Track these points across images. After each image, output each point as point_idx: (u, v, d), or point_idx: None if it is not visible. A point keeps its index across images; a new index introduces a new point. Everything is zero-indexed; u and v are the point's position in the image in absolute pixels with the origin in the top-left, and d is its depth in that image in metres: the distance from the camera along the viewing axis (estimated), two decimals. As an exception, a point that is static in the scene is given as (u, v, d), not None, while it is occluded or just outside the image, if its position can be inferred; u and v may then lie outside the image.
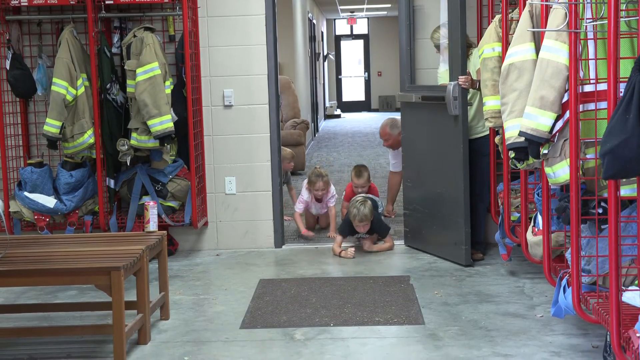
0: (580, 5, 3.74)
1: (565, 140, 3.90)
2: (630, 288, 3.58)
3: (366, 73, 27.33)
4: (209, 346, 4.48)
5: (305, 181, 7.46)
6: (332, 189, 7.49)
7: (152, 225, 5.01)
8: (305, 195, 7.36)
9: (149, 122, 5.99)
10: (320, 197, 7.35)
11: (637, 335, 3.04)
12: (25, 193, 6.24)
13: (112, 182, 6.39)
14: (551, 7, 3.96)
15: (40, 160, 6.44)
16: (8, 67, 6.29)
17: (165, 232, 5.05)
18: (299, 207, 7.37)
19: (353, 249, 6.39)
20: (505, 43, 5.04)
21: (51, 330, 4.63)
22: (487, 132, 5.98)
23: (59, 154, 6.53)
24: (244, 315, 4.99)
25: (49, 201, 6.24)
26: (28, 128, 6.70)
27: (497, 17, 5.37)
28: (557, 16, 3.84)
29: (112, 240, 4.91)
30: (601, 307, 3.59)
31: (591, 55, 3.74)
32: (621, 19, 3.34)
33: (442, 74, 6.57)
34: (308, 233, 7.20)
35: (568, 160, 3.83)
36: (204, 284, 5.82)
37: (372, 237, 6.64)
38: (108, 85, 6.21)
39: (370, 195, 7.04)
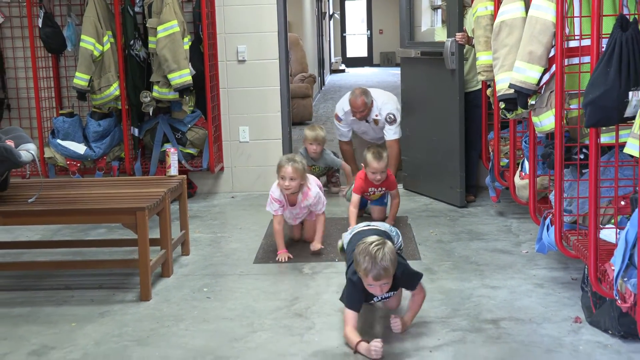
0: (567, -34, 3.71)
1: (551, 92, 3.89)
2: (607, 226, 3.60)
3: (369, 31, 27.08)
4: (225, 279, 4.54)
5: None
6: (315, 189, 4.97)
7: (173, 170, 5.04)
8: (275, 191, 4.95)
9: (169, 76, 5.98)
10: (291, 198, 4.95)
11: (612, 268, 3.08)
12: (58, 140, 6.28)
13: (136, 130, 6.41)
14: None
15: (71, 111, 6.46)
16: (40, 25, 6.27)
17: (185, 176, 5.07)
18: (272, 209, 4.94)
19: (380, 345, 3.35)
20: (498, 2, 5.00)
21: (84, 264, 4.69)
22: (481, 86, 5.96)
23: (88, 105, 6.54)
24: (257, 251, 5.04)
25: (80, 148, 6.28)
26: (59, 81, 6.70)
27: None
28: (545, -23, 3.81)
29: (137, 183, 4.94)
30: (580, 244, 3.63)
31: (576, 13, 3.72)
32: (604, -20, 3.32)
33: (438, 31, 6.55)
34: (282, 255, 4.85)
35: (553, 110, 3.83)
36: (221, 223, 5.86)
37: (396, 295, 3.86)
38: (131, 42, 6.19)
39: (382, 225, 4.12)
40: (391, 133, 6.63)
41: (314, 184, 5.02)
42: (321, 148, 6.59)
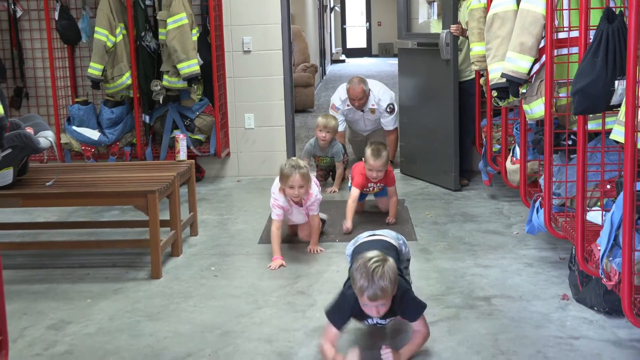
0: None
1: (541, 81, 3.88)
2: (593, 209, 3.61)
3: (367, 23, 27.00)
4: (232, 258, 4.54)
5: (277, 180, 4.57)
6: (315, 188, 4.61)
7: (182, 155, 5.05)
8: (279, 198, 4.53)
9: (179, 66, 5.98)
10: (299, 200, 4.55)
11: (598, 248, 3.08)
12: (74, 127, 6.28)
13: (147, 117, 6.41)
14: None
15: (86, 99, 6.47)
16: (57, 18, 6.28)
17: (193, 161, 5.06)
18: (275, 213, 4.53)
19: (357, 354, 3.00)
20: (491, -5, 4.98)
21: (98, 244, 4.70)
22: (474, 75, 5.95)
23: (101, 93, 6.54)
24: (262, 232, 5.04)
25: (94, 134, 6.28)
26: (75, 71, 6.70)
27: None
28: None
29: (148, 167, 4.94)
30: (568, 225, 3.63)
31: (565, 5, 3.70)
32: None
33: (434, 23, 6.53)
34: (276, 262, 4.36)
35: (543, 98, 3.82)
36: (227, 206, 5.87)
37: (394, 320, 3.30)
38: (142, 34, 6.18)
39: (389, 234, 3.58)
40: (391, 123, 6.57)
41: (313, 184, 4.62)
42: (331, 137, 6.22)
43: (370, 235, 3.54)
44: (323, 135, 6.21)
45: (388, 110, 6.52)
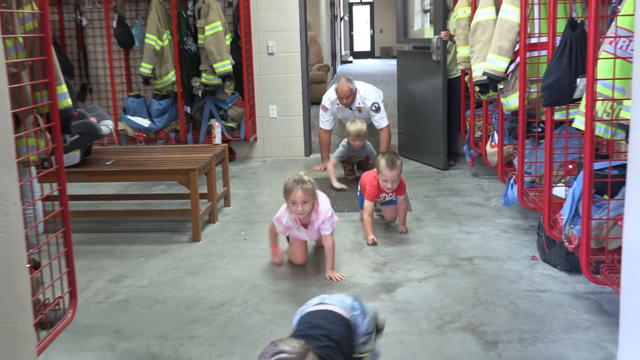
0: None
1: (516, 79, 3.86)
2: (558, 185, 3.60)
3: (371, 30, 26.82)
4: (259, 225, 4.55)
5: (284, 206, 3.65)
6: (325, 206, 3.58)
7: (218, 139, 5.07)
8: (284, 216, 3.62)
9: (214, 65, 5.97)
10: (304, 219, 3.58)
11: (561, 217, 3.08)
12: (128, 116, 6.31)
13: (188, 108, 6.42)
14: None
15: (138, 93, 6.49)
16: (115, 26, 6.29)
17: (226, 144, 5.07)
18: (278, 228, 3.66)
19: None
20: (474, 7, 4.94)
21: (149, 213, 4.71)
22: (460, 74, 5.91)
23: (151, 88, 6.55)
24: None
25: (145, 122, 6.30)
26: (129, 70, 6.71)
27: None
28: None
29: (189, 150, 4.94)
30: (537, 198, 3.63)
31: (536, 15, 3.67)
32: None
33: (427, 30, 6.49)
34: (276, 256, 3.70)
35: (517, 93, 3.80)
36: (255, 182, 5.88)
37: None
38: (185, 39, 6.17)
39: (341, 304, 2.26)
40: (380, 121, 5.85)
41: (324, 202, 3.63)
42: (364, 142, 5.51)
43: (319, 304, 2.30)
44: (357, 144, 5.47)
45: (373, 109, 5.83)
